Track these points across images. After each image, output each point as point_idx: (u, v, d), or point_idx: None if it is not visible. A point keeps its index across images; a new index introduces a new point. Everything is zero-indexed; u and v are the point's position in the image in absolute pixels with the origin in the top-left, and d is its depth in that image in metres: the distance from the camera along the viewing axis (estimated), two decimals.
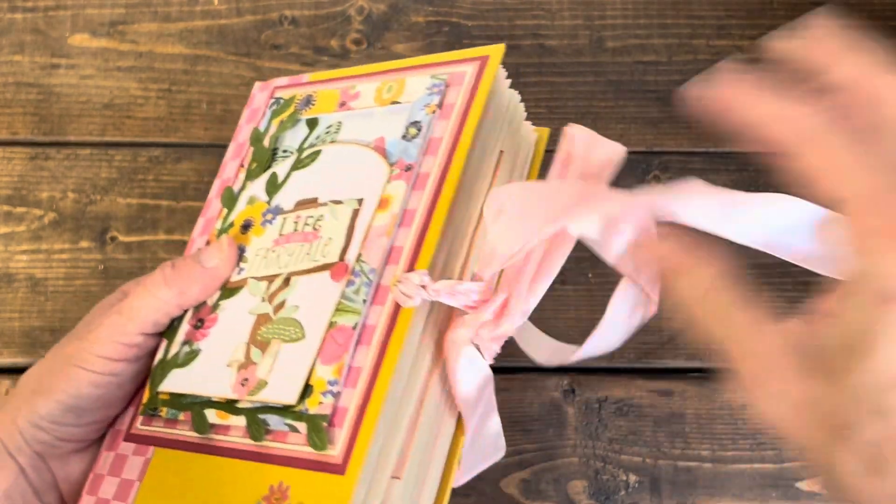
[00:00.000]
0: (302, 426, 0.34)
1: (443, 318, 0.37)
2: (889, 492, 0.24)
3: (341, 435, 0.32)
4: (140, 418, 0.39)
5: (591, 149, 0.38)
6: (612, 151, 0.38)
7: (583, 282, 0.55)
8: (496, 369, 0.38)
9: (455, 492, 0.52)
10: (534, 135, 0.45)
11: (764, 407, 0.26)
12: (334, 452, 0.32)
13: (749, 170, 0.57)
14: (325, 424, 0.33)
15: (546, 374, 0.53)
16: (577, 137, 0.38)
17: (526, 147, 0.44)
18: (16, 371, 0.54)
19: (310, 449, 0.33)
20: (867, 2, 0.59)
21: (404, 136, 0.38)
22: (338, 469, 0.32)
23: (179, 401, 0.38)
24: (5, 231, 0.56)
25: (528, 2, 0.60)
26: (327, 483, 0.32)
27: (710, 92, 0.28)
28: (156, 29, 0.60)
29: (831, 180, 0.26)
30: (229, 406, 0.36)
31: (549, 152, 0.51)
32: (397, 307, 0.34)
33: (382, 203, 0.37)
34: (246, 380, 0.36)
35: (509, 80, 0.41)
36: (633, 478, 0.52)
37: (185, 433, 0.37)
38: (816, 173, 0.26)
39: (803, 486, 0.52)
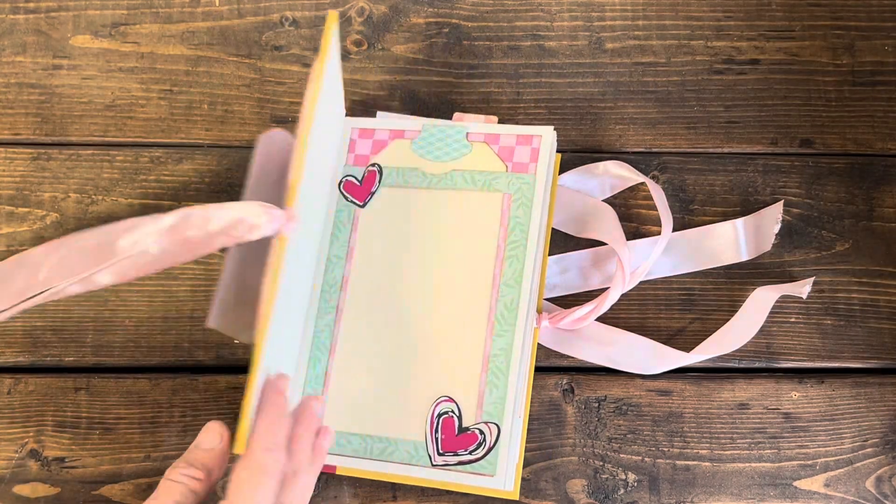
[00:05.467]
0: None
1: None
2: None
3: None
4: None
5: None
6: None
7: None
8: None
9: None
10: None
11: None
12: None
13: (747, 170, 0.57)
14: None
15: (545, 374, 0.53)
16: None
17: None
18: (18, 370, 0.55)
19: None
20: (867, 2, 0.60)
21: None
22: None
23: None
24: (8, 231, 0.57)
25: (527, 3, 0.60)
26: None
27: None
28: (157, 30, 0.60)
29: None
30: None
31: (561, 151, 0.51)
32: None
33: None
34: None
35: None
36: (631, 476, 0.52)
37: None
38: None
39: (801, 485, 0.52)
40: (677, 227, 0.55)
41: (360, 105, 0.58)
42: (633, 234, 0.56)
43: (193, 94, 0.59)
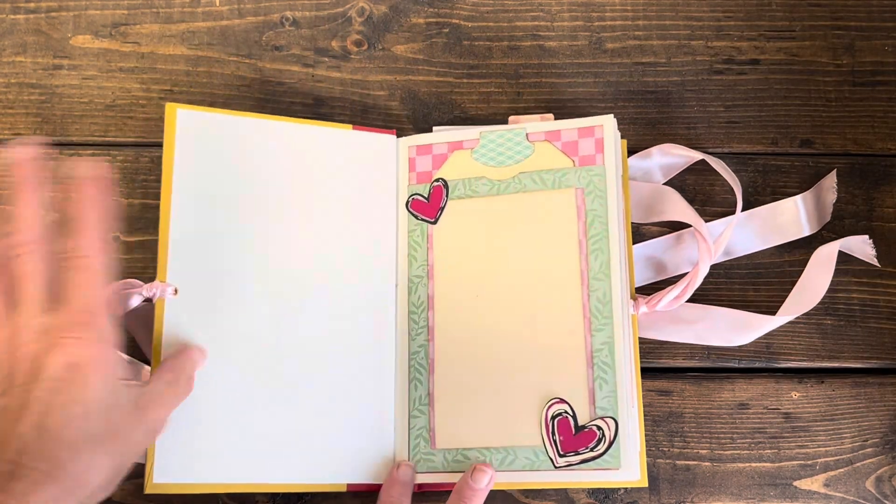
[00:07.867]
0: None
1: None
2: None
3: None
4: None
5: None
6: None
7: None
8: None
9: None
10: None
11: None
12: None
13: (747, 170, 0.57)
14: None
15: None
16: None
17: None
18: None
19: None
20: (867, 2, 0.60)
21: None
22: None
23: None
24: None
25: (527, 3, 0.60)
26: None
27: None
28: (157, 30, 0.60)
29: None
30: None
31: None
32: None
33: None
34: None
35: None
36: None
37: None
38: None
39: (801, 485, 0.52)
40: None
41: (359, 105, 0.58)
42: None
43: (194, 94, 0.59)
